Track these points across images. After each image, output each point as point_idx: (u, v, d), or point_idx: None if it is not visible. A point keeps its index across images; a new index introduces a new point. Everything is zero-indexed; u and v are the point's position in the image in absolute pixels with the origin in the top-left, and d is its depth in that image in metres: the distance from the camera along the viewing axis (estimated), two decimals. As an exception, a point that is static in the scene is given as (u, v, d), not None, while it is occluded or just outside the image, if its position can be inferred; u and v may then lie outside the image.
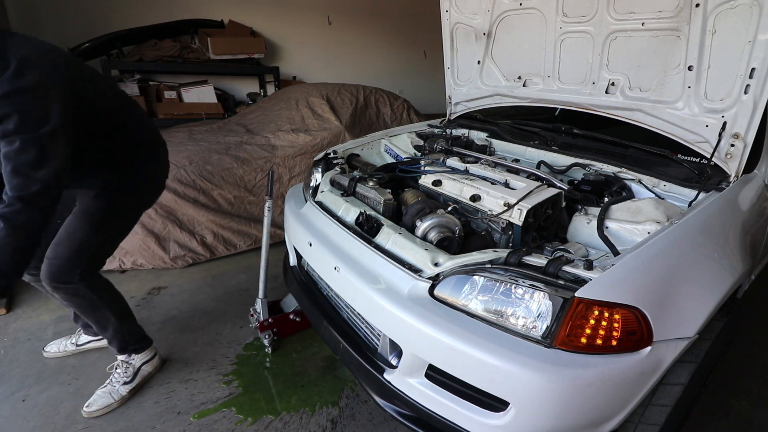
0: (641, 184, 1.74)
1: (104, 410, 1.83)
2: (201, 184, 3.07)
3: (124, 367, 1.93)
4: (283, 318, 2.22)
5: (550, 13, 2.09)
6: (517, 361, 1.10)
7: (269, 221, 2.13)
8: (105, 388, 1.90)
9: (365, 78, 5.35)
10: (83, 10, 4.76)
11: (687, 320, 1.24)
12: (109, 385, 1.90)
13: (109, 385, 1.90)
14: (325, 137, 3.52)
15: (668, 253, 1.27)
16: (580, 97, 2.10)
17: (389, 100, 4.15)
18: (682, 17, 1.66)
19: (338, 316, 1.70)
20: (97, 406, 1.83)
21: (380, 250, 1.49)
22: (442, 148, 2.28)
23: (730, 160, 1.61)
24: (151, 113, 4.39)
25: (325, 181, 1.97)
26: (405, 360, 1.33)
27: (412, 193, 1.83)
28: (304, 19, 6.08)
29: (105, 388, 1.90)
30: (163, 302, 2.62)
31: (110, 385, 1.90)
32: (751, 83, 1.51)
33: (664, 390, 1.34)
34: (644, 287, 1.19)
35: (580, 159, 1.94)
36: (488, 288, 1.25)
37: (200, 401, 1.91)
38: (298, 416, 1.84)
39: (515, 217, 1.48)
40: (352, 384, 2.00)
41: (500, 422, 1.15)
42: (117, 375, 1.92)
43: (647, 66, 1.84)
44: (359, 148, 2.36)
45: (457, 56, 2.58)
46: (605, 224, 1.48)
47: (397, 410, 1.39)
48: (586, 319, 1.11)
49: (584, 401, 1.11)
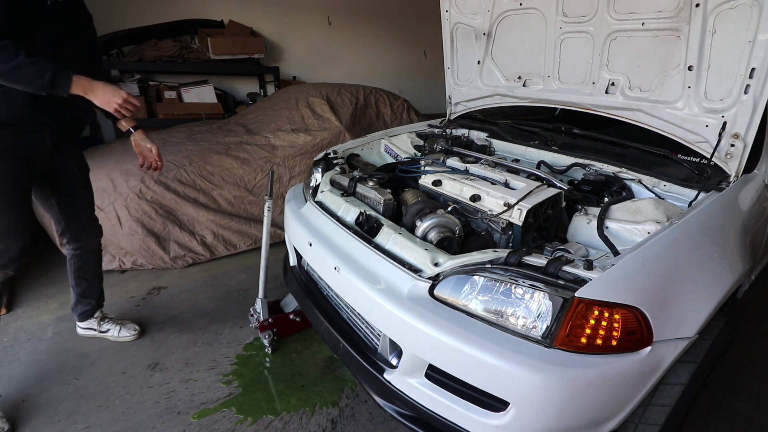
0: (641, 184, 1.74)
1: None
2: (201, 184, 3.07)
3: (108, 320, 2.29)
4: (283, 318, 2.22)
5: (550, 13, 2.09)
6: (517, 361, 1.10)
7: (269, 221, 2.13)
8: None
9: (365, 78, 5.34)
10: (83, 10, 4.75)
11: (687, 320, 1.24)
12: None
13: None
14: (325, 137, 3.51)
15: (668, 253, 1.27)
16: (580, 97, 2.10)
17: (389, 100, 4.15)
18: (682, 17, 1.66)
19: (338, 316, 1.70)
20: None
21: (380, 250, 1.49)
22: (442, 148, 2.28)
23: (730, 160, 1.61)
24: (151, 113, 4.39)
25: (325, 181, 1.97)
26: (405, 360, 1.33)
27: (412, 193, 1.83)
28: (304, 19, 6.07)
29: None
30: (163, 302, 2.62)
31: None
32: (751, 83, 1.51)
33: (664, 390, 1.34)
34: (644, 287, 1.19)
35: (580, 159, 1.94)
36: (488, 288, 1.25)
37: (200, 401, 1.91)
38: (298, 416, 1.84)
39: (515, 217, 1.48)
40: (352, 384, 2.00)
41: (500, 422, 1.15)
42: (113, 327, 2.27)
43: (647, 66, 1.84)
44: (359, 148, 2.36)
45: (457, 56, 2.58)
46: (605, 224, 1.48)
47: (397, 410, 1.39)
48: (586, 319, 1.11)
49: (584, 401, 1.11)
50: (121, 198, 2.82)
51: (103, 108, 1.68)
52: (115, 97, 1.64)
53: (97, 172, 2.95)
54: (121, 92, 1.65)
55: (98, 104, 1.66)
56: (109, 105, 1.65)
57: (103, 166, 2.98)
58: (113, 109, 1.66)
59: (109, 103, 1.64)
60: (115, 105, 1.65)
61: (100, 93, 1.63)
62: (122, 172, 2.90)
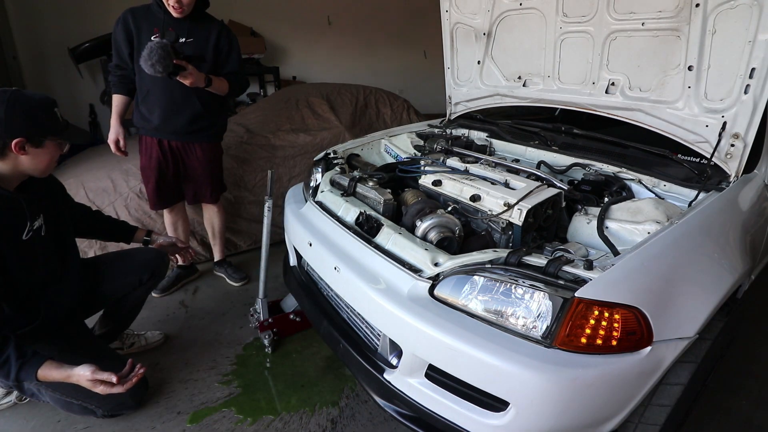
0: (641, 184, 1.74)
1: None
2: (201, 184, 3.06)
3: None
4: (283, 318, 2.22)
5: (550, 13, 2.09)
6: (517, 361, 1.10)
7: (269, 221, 2.13)
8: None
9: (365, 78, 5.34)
10: (83, 10, 4.76)
11: (687, 320, 1.24)
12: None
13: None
14: (325, 137, 3.51)
15: (668, 253, 1.27)
16: (580, 97, 2.10)
17: (389, 100, 4.15)
18: (682, 17, 1.66)
19: (338, 316, 1.70)
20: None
21: (380, 250, 1.49)
22: (442, 148, 2.28)
23: (730, 160, 1.61)
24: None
25: (325, 181, 1.97)
26: (405, 360, 1.33)
27: (412, 193, 1.83)
28: (304, 19, 6.08)
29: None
30: (163, 302, 2.62)
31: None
32: (751, 83, 1.51)
33: (664, 390, 1.34)
34: (644, 287, 1.19)
35: (580, 159, 1.94)
36: (488, 288, 1.25)
37: (200, 401, 1.91)
38: (298, 416, 1.84)
39: (515, 217, 1.48)
40: (352, 384, 2.00)
41: (500, 422, 1.15)
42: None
43: (647, 66, 1.84)
44: (359, 148, 2.36)
45: (457, 56, 2.58)
46: (605, 224, 1.48)
47: (397, 410, 1.39)
48: (586, 319, 1.11)
49: (584, 401, 1.11)
50: (121, 198, 2.82)
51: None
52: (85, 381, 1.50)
53: (97, 172, 2.96)
54: (88, 375, 1.48)
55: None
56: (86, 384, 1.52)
57: (103, 166, 2.99)
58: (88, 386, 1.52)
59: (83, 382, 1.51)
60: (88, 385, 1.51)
61: (74, 380, 1.50)
62: (122, 172, 2.90)
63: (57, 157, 1.57)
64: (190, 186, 2.62)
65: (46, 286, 1.67)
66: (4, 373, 1.44)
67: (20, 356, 1.45)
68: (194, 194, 2.65)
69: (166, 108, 2.37)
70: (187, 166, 2.54)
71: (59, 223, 1.75)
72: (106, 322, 2.08)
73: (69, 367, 1.49)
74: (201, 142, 2.52)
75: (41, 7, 4.62)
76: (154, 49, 2.02)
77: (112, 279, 1.94)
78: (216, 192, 2.69)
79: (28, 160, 1.48)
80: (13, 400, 1.86)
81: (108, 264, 1.98)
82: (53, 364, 1.48)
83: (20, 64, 4.65)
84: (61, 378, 1.48)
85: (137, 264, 1.98)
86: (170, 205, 2.63)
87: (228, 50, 2.45)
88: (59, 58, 4.73)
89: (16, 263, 1.52)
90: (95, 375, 1.47)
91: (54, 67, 4.82)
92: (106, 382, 1.48)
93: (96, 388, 1.49)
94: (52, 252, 1.70)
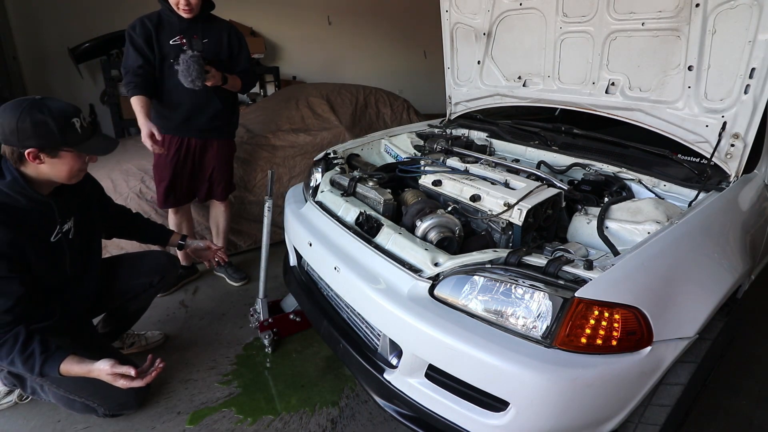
0: (641, 184, 1.74)
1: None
2: (201, 184, 3.06)
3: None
4: (283, 318, 2.22)
5: (550, 13, 2.09)
6: (517, 361, 1.10)
7: (269, 221, 2.13)
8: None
9: (365, 78, 5.35)
10: (83, 10, 4.76)
11: (687, 320, 1.24)
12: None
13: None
14: (325, 137, 3.51)
15: (668, 253, 1.27)
16: (580, 97, 2.10)
17: (389, 100, 4.15)
18: (682, 17, 1.66)
19: (338, 316, 1.70)
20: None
21: (380, 250, 1.49)
22: (442, 148, 2.28)
23: (730, 160, 1.61)
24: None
25: (325, 181, 1.97)
26: (405, 360, 1.33)
27: (412, 193, 1.83)
28: (304, 19, 6.08)
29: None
30: (163, 302, 2.61)
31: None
32: (751, 83, 1.51)
33: (664, 390, 1.34)
34: (644, 287, 1.19)
35: (580, 159, 1.94)
36: (488, 288, 1.25)
37: (200, 401, 1.91)
38: (298, 416, 1.84)
39: (515, 217, 1.48)
40: (352, 384, 2.00)
41: (500, 422, 1.15)
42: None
43: (647, 66, 1.84)
44: (359, 148, 2.36)
45: (457, 56, 2.58)
46: (605, 224, 1.48)
47: (397, 410, 1.39)
48: (586, 319, 1.11)
49: (584, 401, 1.11)
50: (121, 198, 2.82)
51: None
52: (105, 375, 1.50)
53: (97, 172, 2.95)
54: (108, 369, 1.49)
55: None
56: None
57: (104, 166, 2.98)
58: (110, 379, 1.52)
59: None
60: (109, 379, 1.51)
61: (95, 374, 1.50)
62: (122, 172, 2.90)
63: (80, 167, 1.55)
64: (204, 183, 2.65)
65: (67, 285, 1.68)
66: (29, 367, 1.45)
67: (44, 350, 1.46)
68: (207, 191, 2.69)
69: (190, 107, 2.42)
70: (203, 163, 2.59)
71: (89, 226, 1.76)
72: (110, 321, 2.08)
73: (90, 362, 1.49)
74: (218, 138, 2.59)
75: (41, 8, 4.62)
76: (191, 65, 2.08)
77: (124, 280, 1.96)
78: (227, 189, 2.74)
79: (48, 169, 1.48)
80: (14, 400, 1.86)
81: (120, 265, 1.99)
82: (75, 358, 1.49)
83: (20, 65, 4.65)
84: (82, 373, 1.49)
85: (149, 267, 2.00)
86: (179, 205, 2.64)
87: (239, 49, 2.51)
88: (59, 59, 4.73)
89: (41, 263, 1.53)
90: (115, 369, 1.47)
91: (54, 67, 4.82)
92: (126, 375, 1.49)
93: (116, 382, 1.49)
94: (77, 254, 1.70)
